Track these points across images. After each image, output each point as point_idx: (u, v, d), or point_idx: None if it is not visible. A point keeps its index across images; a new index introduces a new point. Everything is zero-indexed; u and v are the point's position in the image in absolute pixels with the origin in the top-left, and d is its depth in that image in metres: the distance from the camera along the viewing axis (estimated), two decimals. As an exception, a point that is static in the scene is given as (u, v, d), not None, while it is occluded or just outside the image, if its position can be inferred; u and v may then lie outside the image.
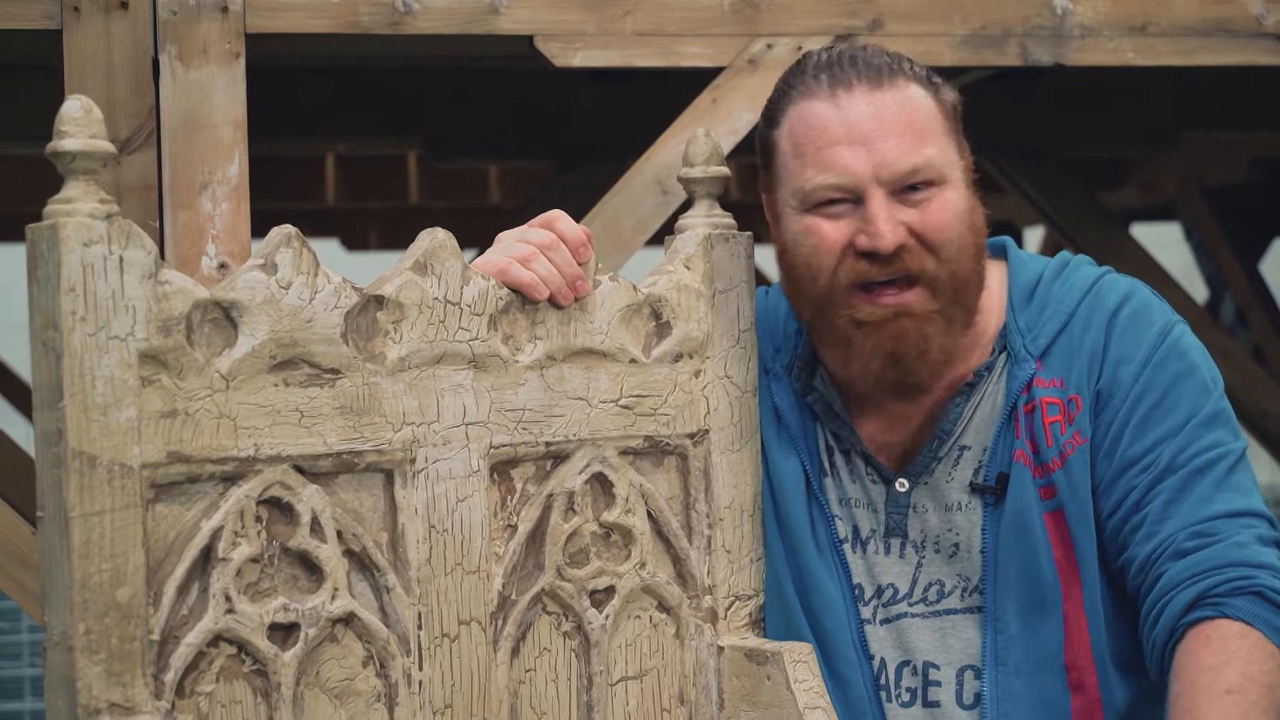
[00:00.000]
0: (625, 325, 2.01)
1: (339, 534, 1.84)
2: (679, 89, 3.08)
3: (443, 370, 1.90)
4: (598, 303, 2.00)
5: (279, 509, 1.82)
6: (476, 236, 5.72)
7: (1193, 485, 2.04)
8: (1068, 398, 2.09)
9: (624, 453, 2.01)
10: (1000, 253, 2.20)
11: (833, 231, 2.04)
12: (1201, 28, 3.08)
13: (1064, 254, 2.20)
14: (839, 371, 2.12)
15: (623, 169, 2.97)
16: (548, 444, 1.96)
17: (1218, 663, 1.93)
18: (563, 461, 1.98)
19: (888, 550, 2.14)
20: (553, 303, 1.97)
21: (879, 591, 2.14)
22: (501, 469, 1.95)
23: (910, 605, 2.13)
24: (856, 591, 2.14)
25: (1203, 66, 3.11)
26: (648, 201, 2.89)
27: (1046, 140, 4.77)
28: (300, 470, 1.82)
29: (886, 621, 2.13)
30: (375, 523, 1.87)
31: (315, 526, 1.82)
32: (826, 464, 2.16)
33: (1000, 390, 2.11)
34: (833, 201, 2.04)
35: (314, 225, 6.45)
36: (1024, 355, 2.10)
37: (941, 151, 2.07)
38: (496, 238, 2.01)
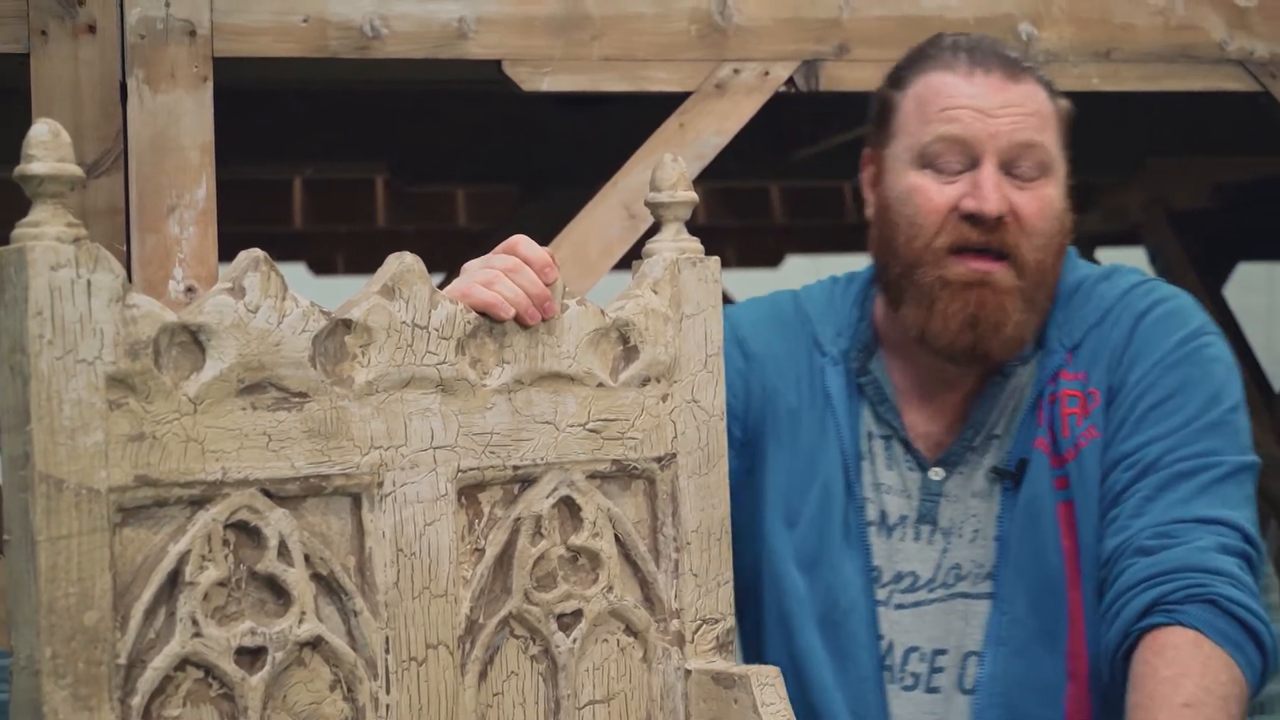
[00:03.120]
0: (593, 349, 2.02)
1: (306, 558, 1.84)
2: (646, 114, 3.08)
3: (410, 394, 1.90)
4: (565, 326, 2.00)
5: (246, 533, 1.81)
6: (444, 260, 5.71)
7: (1172, 487, 2.05)
8: (1087, 391, 2.13)
9: (591, 476, 2.01)
10: None
11: (938, 193, 2.12)
12: (1166, 54, 3.10)
13: (1117, 263, 2.26)
14: (914, 332, 2.17)
15: (590, 193, 2.97)
16: (515, 468, 1.97)
17: (1174, 674, 1.94)
18: (530, 485, 1.98)
19: (917, 536, 2.17)
20: (520, 323, 1.96)
21: (898, 577, 2.17)
22: (469, 493, 1.95)
23: (930, 591, 2.16)
24: (874, 574, 2.17)
25: (1167, 92, 3.14)
26: (615, 226, 2.89)
27: (1012, 165, 4.78)
28: (268, 494, 1.82)
29: (901, 607, 2.16)
30: (343, 546, 1.87)
31: (283, 550, 1.82)
32: (865, 449, 2.20)
33: (1031, 381, 2.15)
34: (946, 161, 2.10)
35: (282, 249, 6.43)
36: (1056, 347, 2.16)
37: (1052, 146, 2.17)
38: (462, 267, 2.01)
